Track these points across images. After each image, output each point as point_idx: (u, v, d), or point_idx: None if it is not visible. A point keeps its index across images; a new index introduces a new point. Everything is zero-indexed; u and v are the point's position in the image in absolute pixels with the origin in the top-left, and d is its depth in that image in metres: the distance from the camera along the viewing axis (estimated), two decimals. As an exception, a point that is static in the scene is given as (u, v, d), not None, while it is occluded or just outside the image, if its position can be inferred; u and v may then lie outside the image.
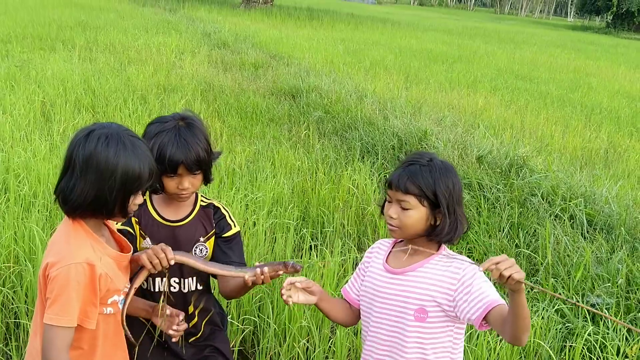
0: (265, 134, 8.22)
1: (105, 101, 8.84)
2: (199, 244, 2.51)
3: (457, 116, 9.91)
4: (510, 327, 1.98)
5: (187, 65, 12.62)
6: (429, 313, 2.18)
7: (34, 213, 4.55)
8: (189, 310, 2.56)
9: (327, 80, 11.54)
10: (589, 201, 5.95)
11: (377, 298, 2.27)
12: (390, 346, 2.25)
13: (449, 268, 2.20)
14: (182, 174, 2.35)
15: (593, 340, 3.85)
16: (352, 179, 6.36)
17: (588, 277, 4.54)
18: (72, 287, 1.96)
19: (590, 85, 16.57)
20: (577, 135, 10.02)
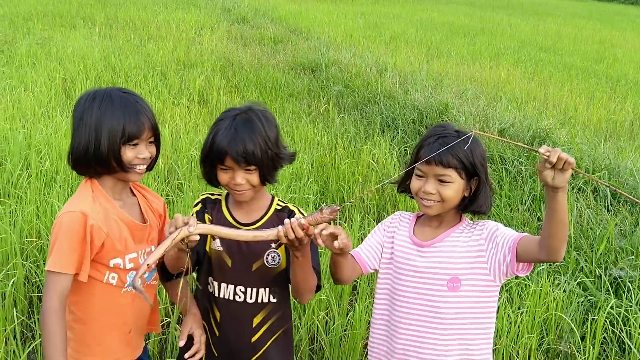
0: (284, 109, 8.19)
1: (125, 77, 8.86)
2: (271, 250, 2.27)
3: (479, 89, 9.77)
4: (550, 239, 1.91)
5: (207, 41, 12.59)
6: (462, 281, 2.16)
7: (55, 188, 4.60)
8: (253, 323, 2.29)
9: (347, 54, 11.44)
10: (613, 173, 5.85)
11: (406, 271, 2.23)
12: (422, 319, 2.20)
13: (473, 232, 2.19)
14: (233, 167, 2.15)
15: (616, 313, 3.80)
16: (372, 153, 6.32)
17: (611, 250, 4.47)
18: (64, 234, 2.00)
19: (616, 57, 16.23)
20: (602, 107, 9.84)
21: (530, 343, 3.53)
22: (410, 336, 2.23)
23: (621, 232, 4.80)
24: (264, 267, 2.26)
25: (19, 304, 3.61)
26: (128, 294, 2.19)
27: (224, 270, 2.26)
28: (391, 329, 2.29)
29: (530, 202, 5.38)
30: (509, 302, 3.85)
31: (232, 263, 2.25)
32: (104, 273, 2.12)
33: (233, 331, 2.29)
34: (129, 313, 2.21)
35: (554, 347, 3.67)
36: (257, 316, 2.29)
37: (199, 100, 8.24)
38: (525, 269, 2.10)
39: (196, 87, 8.58)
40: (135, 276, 1.90)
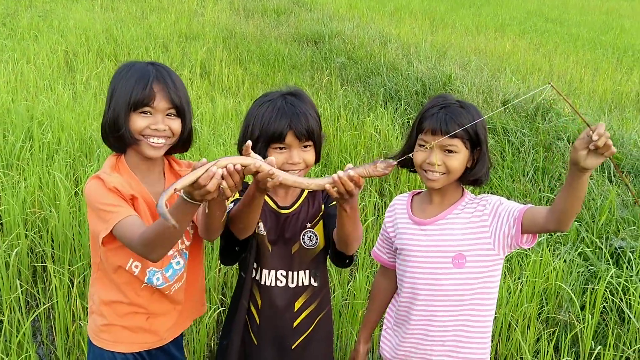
0: (287, 81, 8.15)
1: (127, 50, 8.83)
2: (307, 230, 2.24)
3: (484, 60, 9.70)
4: (564, 212, 1.90)
5: (209, 13, 12.50)
6: (467, 257, 2.14)
7: (57, 160, 4.61)
8: (295, 308, 2.26)
9: (350, 25, 11.35)
10: (617, 144, 5.82)
11: (411, 252, 2.22)
12: (429, 297, 2.20)
13: (476, 207, 2.17)
14: (292, 145, 2.10)
15: (616, 283, 3.81)
16: (375, 125, 6.30)
17: (613, 221, 4.47)
18: (96, 195, 1.98)
19: (623, 27, 16.08)
20: (608, 78, 9.77)
21: (529, 312, 3.55)
22: (420, 316, 2.22)
23: (623, 202, 4.80)
24: (303, 249, 2.24)
25: (23, 274, 3.65)
26: (147, 289, 2.14)
27: (265, 256, 2.23)
28: (402, 311, 2.29)
29: (533, 173, 5.37)
30: (509, 272, 3.87)
31: (272, 247, 2.22)
32: (127, 260, 2.07)
33: (275, 317, 2.25)
34: (147, 305, 2.16)
35: (553, 316, 3.69)
36: (298, 300, 2.26)
37: (200, 73, 8.21)
38: (530, 241, 2.09)
39: (198, 59, 8.54)
40: (161, 198, 1.62)
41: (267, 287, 2.23)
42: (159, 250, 1.90)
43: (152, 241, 1.85)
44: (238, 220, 2.02)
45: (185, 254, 2.20)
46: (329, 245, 2.25)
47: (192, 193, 1.68)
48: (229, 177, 1.68)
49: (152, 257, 1.92)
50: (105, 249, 2.03)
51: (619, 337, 3.54)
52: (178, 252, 2.17)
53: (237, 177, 1.70)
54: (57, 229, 3.76)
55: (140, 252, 1.91)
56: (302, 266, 2.24)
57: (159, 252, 1.90)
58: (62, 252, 3.66)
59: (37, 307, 3.46)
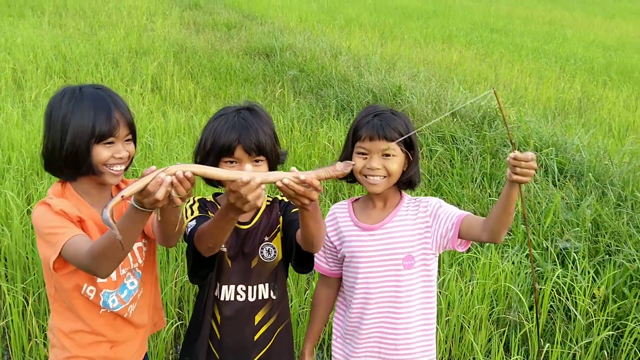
0: (239, 94, 8.19)
1: (76, 66, 8.73)
2: (265, 244, 2.26)
3: (432, 71, 9.92)
4: (496, 223, 2.04)
5: (159, 28, 12.45)
6: (415, 258, 2.25)
7: (8, 179, 4.54)
8: (255, 321, 2.29)
9: (301, 38, 11.46)
10: (561, 150, 6.05)
11: (362, 259, 2.28)
12: (382, 301, 2.28)
13: (419, 209, 2.28)
14: (242, 159, 2.10)
15: (562, 282, 3.97)
16: (328, 135, 6.39)
17: (557, 223, 4.65)
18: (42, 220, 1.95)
19: (566, 37, 16.63)
20: (551, 86, 10.10)
21: (480, 313, 3.67)
22: (374, 320, 2.30)
23: (567, 205, 4.99)
24: (262, 263, 2.26)
25: (-25, 295, 3.60)
26: (107, 315, 2.11)
27: (225, 272, 2.25)
28: (353, 319, 2.34)
29: (481, 179, 5.53)
30: (460, 275, 3.99)
31: (231, 263, 2.25)
32: (82, 284, 2.03)
33: (235, 331, 2.27)
34: (110, 333, 2.13)
35: (503, 317, 3.82)
36: (258, 313, 2.28)
37: (152, 87, 8.18)
38: (463, 245, 2.23)
39: (149, 74, 8.50)
40: (105, 208, 1.57)
41: (227, 302, 2.26)
42: (108, 264, 1.83)
43: (100, 254, 1.79)
44: (207, 239, 2.00)
45: (138, 273, 2.19)
46: (288, 256, 2.28)
47: (141, 201, 1.65)
48: (179, 184, 1.63)
49: (101, 271, 1.85)
50: (58, 275, 1.99)
51: (566, 334, 3.69)
52: (131, 272, 2.15)
53: (187, 185, 1.65)
54: (9, 248, 3.72)
55: (89, 268, 1.85)
56: (261, 279, 2.27)
57: (107, 265, 1.83)
58: (15, 271, 3.62)
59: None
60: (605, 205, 4.95)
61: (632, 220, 4.69)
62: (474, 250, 4.22)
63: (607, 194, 5.15)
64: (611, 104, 9.36)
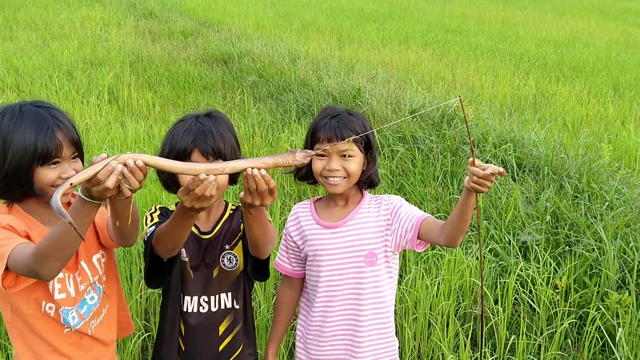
0: (199, 102, 8.14)
1: (29, 79, 8.56)
2: (226, 252, 2.24)
3: (390, 73, 10.00)
4: (452, 229, 2.08)
5: (114, 38, 12.29)
6: (378, 255, 2.27)
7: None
8: (219, 331, 2.28)
9: (258, 44, 11.44)
10: (518, 145, 6.16)
11: (324, 256, 2.29)
12: (346, 298, 2.29)
13: (380, 207, 2.31)
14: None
15: (525, 275, 4.04)
16: (290, 140, 6.39)
17: (518, 217, 4.73)
18: None
19: (518, 35, 16.93)
20: (507, 83, 10.28)
21: (447, 309, 3.71)
22: (339, 318, 2.31)
23: (527, 199, 5.08)
24: (223, 272, 2.25)
25: None
26: (73, 335, 2.04)
27: (188, 283, 2.23)
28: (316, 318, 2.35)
29: (442, 177, 5.60)
30: (427, 273, 4.02)
31: (194, 274, 2.23)
32: (40, 302, 1.96)
33: (200, 342, 2.25)
34: (76, 354, 2.05)
35: (470, 312, 3.87)
36: (222, 323, 2.27)
37: (109, 98, 8.07)
38: (422, 246, 2.27)
39: (105, 84, 8.39)
40: (55, 193, 1.49)
41: (191, 313, 2.24)
42: (52, 263, 1.72)
43: (45, 252, 1.70)
44: (166, 240, 1.96)
45: (99, 287, 2.13)
46: (246, 263, 2.26)
47: (90, 190, 1.57)
48: (130, 175, 1.58)
49: (45, 271, 1.74)
50: (13, 295, 1.91)
51: (530, 326, 3.75)
52: (91, 287, 2.09)
53: (139, 175, 1.59)
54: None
55: (33, 269, 1.74)
56: (223, 289, 2.27)
57: (52, 264, 1.73)
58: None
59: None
60: (564, 197, 5.05)
61: (590, 211, 4.81)
62: (439, 248, 4.26)
63: (564, 186, 5.26)
64: (564, 99, 9.56)
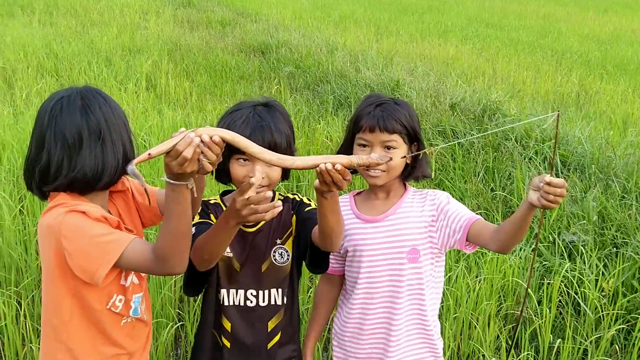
0: (235, 92, 8.09)
1: (68, 65, 8.60)
2: (277, 247, 2.14)
3: (429, 66, 9.82)
4: (507, 238, 1.96)
5: (152, 26, 12.32)
6: (421, 252, 2.15)
7: (0, 179, 4.43)
8: (268, 328, 2.15)
9: (296, 35, 11.36)
10: (562, 142, 5.96)
11: (365, 251, 2.18)
12: (386, 294, 2.18)
13: (425, 202, 2.18)
14: (254, 160, 1.96)
15: (570, 276, 3.88)
16: (326, 132, 6.29)
17: (563, 216, 4.56)
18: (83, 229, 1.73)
19: (560, 31, 16.56)
20: (549, 79, 10.03)
21: (489, 309, 3.58)
22: (378, 315, 2.20)
23: (572, 198, 4.90)
24: (274, 267, 2.14)
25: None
26: (127, 325, 1.95)
27: (233, 275, 2.11)
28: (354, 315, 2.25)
29: (483, 173, 5.44)
30: (467, 271, 3.89)
31: (240, 267, 2.12)
32: (111, 295, 1.87)
33: (248, 339, 2.14)
34: (128, 344, 1.97)
35: (511, 312, 3.73)
36: (272, 320, 2.15)
37: (147, 86, 8.06)
38: (471, 247, 2.14)
39: (143, 72, 8.39)
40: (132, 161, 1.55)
41: (236, 307, 2.13)
42: (179, 257, 1.73)
43: (168, 249, 1.70)
44: (203, 251, 1.89)
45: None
46: (302, 256, 2.16)
47: (170, 166, 1.57)
48: (207, 148, 1.58)
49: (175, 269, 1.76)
50: (89, 290, 1.82)
51: (576, 329, 3.60)
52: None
53: (216, 149, 1.60)
54: (1, 250, 3.60)
55: (160, 270, 1.76)
56: (274, 284, 2.14)
57: (178, 259, 1.73)
58: (7, 274, 3.50)
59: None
60: (611, 197, 4.86)
61: None
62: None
63: (611, 186, 5.06)
64: (609, 96, 9.28)
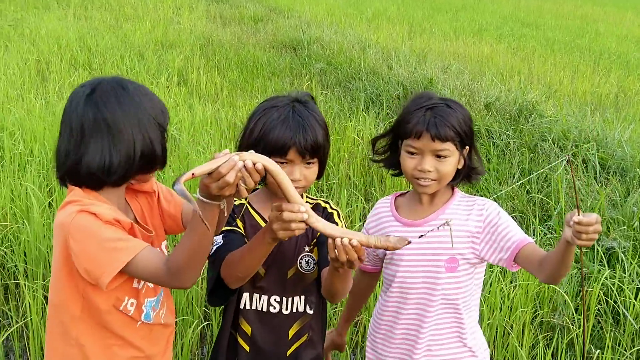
0: (266, 88, 8.03)
1: (101, 58, 8.64)
2: (304, 254, 2.06)
3: (463, 64, 9.65)
4: (554, 272, 1.87)
5: (185, 21, 12.34)
6: (460, 262, 2.02)
7: (30, 171, 4.42)
8: (289, 335, 2.09)
9: (328, 31, 11.27)
10: (601, 145, 5.77)
11: (403, 255, 2.06)
12: (418, 301, 2.07)
13: (472, 211, 2.04)
14: (293, 161, 1.90)
15: (610, 284, 3.73)
16: (357, 129, 6.19)
17: (603, 221, 4.39)
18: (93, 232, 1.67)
19: (598, 31, 16.22)
20: (586, 80, 9.79)
21: (524, 317, 3.44)
22: (409, 321, 2.10)
23: (612, 202, 4.73)
24: (299, 274, 2.06)
25: (-6, 291, 3.47)
26: (144, 327, 1.88)
27: (257, 280, 2.03)
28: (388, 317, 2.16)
29: (519, 175, 5.29)
30: (502, 277, 3.76)
31: (265, 272, 2.03)
32: (122, 299, 1.80)
33: (268, 345, 2.07)
34: (147, 347, 1.90)
35: (547, 320, 3.59)
36: (292, 327, 2.08)
37: (178, 80, 8.05)
38: (516, 267, 2.03)
39: (175, 67, 8.38)
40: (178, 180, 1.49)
41: (258, 312, 2.05)
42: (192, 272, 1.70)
43: (184, 264, 1.66)
44: (237, 268, 1.83)
45: None
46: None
47: (209, 186, 1.53)
48: (248, 175, 1.55)
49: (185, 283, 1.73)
50: (96, 292, 1.75)
51: (616, 339, 3.45)
52: None
53: (257, 177, 1.57)
54: (29, 243, 3.58)
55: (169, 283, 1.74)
56: (298, 292, 2.07)
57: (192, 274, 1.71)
58: (35, 267, 3.48)
59: (9, 326, 3.26)
60: (653, 202, 4.68)
61: (683, 219, 4.42)
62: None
63: (653, 191, 4.87)
64: (650, 98, 9.03)
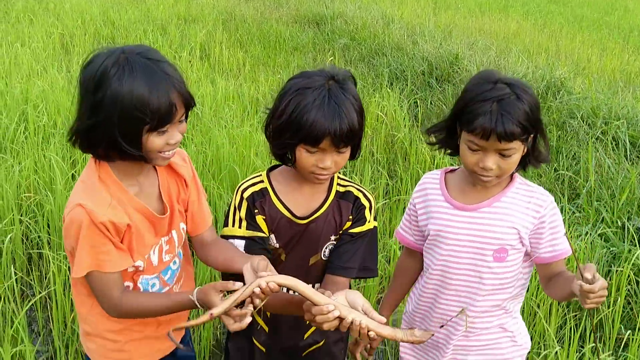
0: (289, 63, 7.95)
1: (125, 32, 8.62)
2: (329, 243, 1.99)
3: (489, 41, 9.47)
4: (556, 295, 2.02)
5: (208, -5, 12.26)
6: (509, 252, 1.93)
7: (53, 142, 4.42)
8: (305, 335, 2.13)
9: (352, 6, 11.13)
10: (632, 123, 5.63)
11: (447, 239, 1.97)
12: (461, 290, 2.00)
13: (531, 200, 1.93)
14: (325, 149, 1.79)
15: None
16: (381, 105, 6.10)
17: (634, 200, 4.29)
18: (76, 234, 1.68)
19: (627, 8, 15.86)
20: (615, 57, 9.57)
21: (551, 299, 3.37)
22: (450, 304, 2.03)
23: (643, 181, 4.61)
24: (321, 262, 2.01)
25: (17, 261, 3.47)
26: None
27: (277, 265, 1.95)
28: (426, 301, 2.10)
29: (547, 152, 5.18)
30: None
31: (286, 257, 2.00)
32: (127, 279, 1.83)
33: (285, 327, 2.07)
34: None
35: (575, 300, 3.51)
36: None
37: (200, 55, 8.00)
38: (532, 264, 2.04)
39: (197, 41, 8.33)
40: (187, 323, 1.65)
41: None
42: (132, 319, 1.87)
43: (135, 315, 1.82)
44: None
45: (180, 253, 1.98)
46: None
47: (225, 321, 1.65)
48: (260, 294, 1.63)
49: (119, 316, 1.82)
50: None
51: (643, 320, 3.37)
52: (176, 256, 1.95)
53: (268, 293, 1.64)
54: (53, 214, 3.57)
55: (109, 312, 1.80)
56: (318, 279, 2.02)
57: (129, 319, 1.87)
58: (58, 238, 3.47)
59: (33, 296, 3.27)
60: (685, 182, 4.55)
61: None
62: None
63: (686, 170, 4.74)
64: (682, 77, 8.80)
